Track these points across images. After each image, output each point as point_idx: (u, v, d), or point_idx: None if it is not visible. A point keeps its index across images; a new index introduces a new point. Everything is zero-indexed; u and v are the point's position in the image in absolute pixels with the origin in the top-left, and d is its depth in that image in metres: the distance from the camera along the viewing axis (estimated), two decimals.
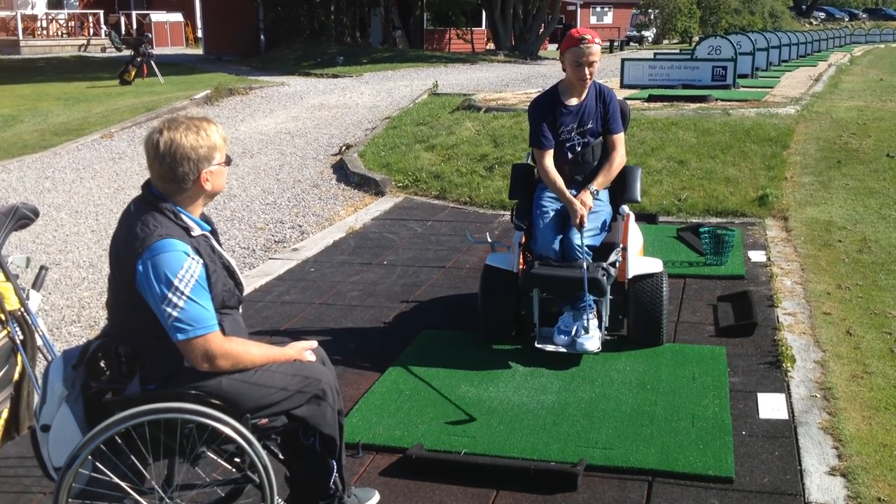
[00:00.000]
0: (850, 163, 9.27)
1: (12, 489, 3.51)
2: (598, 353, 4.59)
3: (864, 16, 73.58)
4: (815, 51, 28.82)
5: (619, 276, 4.73)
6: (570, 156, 4.78)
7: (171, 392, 2.66)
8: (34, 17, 37.64)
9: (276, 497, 2.72)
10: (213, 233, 2.87)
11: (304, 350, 2.94)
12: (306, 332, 5.18)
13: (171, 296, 2.58)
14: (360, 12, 34.77)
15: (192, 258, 2.64)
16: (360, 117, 15.11)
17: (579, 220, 4.52)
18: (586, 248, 4.58)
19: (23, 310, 3.73)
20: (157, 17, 40.55)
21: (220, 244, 2.87)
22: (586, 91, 4.78)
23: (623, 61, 15.74)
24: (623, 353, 4.71)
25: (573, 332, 4.60)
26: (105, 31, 39.31)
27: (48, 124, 15.49)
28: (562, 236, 4.67)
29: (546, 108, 4.79)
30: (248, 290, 6.05)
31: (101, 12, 39.83)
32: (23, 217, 3.92)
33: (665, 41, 48.19)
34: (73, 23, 39.15)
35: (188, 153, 2.68)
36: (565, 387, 4.29)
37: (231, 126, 14.53)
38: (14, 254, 4.44)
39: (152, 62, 22.76)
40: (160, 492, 2.69)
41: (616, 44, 41.20)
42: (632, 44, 45.45)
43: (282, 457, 2.98)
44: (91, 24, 39.52)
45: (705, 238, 6.36)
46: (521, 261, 4.87)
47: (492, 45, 35.66)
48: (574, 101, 4.78)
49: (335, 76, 22.91)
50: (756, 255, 6.58)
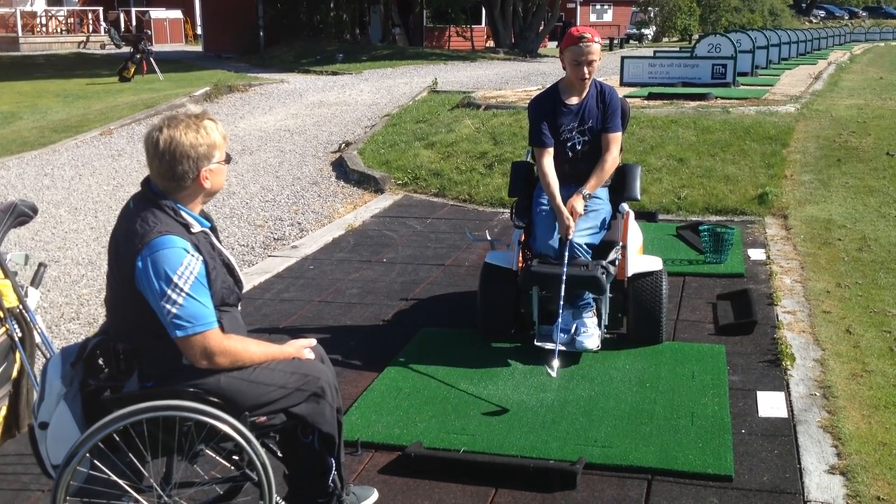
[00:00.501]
0: (849, 161, 9.26)
1: (10, 486, 3.51)
2: (598, 351, 4.59)
3: (864, 14, 73.51)
4: (814, 49, 28.79)
5: (618, 275, 4.72)
6: (570, 154, 4.77)
7: (169, 390, 2.65)
8: (33, 14, 37.61)
9: (275, 495, 2.72)
10: (213, 229, 2.86)
11: (303, 348, 2.94)
12: (305, 330, 5.18)
13: (170, 292, 2.57)
14: (360, 9, 34.76)
15: (192, 255, 2.63)
16: (359, 115, 15.10)
17: (566, 231, 4.51)
18: (585, 247, 4.58)
19: (21, 307, 3.73)
20: (157, 13, 40.54)
21: (219, 241, 2.86)
22: (587, 90, 4.76)
23: (623, 59, 15.72)
24: (622, 351, 4.71)
25: (573, 331, 4.60)
26: (104, 28, 39.30)
27: (47, 121, 15.49)
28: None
29: (546, 107, 4.78)
30: (246, 287, 6.04)
31: (101, 9, 39.81)
32: (21, 214, 3.92)
33: (665, 39, 48.19)
34: (72, 19, 39.12)
35: (188, 151, 2.67)
36: (564, 385, 4.29)
37: (230, 123, 14.51)
38: (13, 251, 4.43)
39: (151, 59, 22.77)
40: (158, 490, 2.69)
41: (616, 41, 41.19)
42: (631, 41, 45.42)
43: (280, 455, 2.97)
44: (90, 21, 39.50)
45: (705, 236, 6.35)
46: (521, 259, 4.87)
47: (491, 43, 35.67)
48: (574, 101, 4.76)
49: (335, 74, 22.90)
50: (756, 254, 6.58)
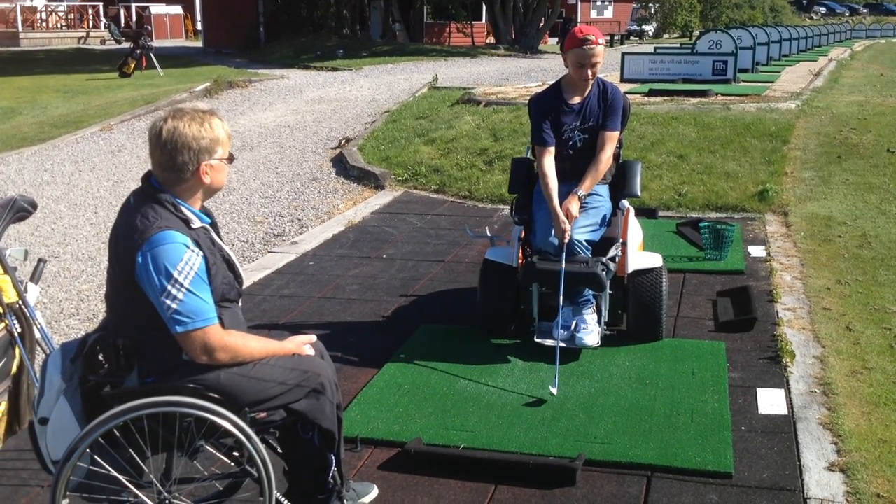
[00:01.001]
0: (850, 158, 9.25)
1: (10, 482, 3.51)
2: (598, 347, 4.58)
3: (865, 11, 73.43)
4: (815, 46, 28.76)
5: (618, 271, 4.72)
6: (570, 152, 4.76)
7: (169, 385, 2.65)
8: (33, 9, 37.55)
9: (275, 491, 2.72)
10: (213, 225, 2.86)
11: (303, 344, 2.93)
12: (305, 326, 5.18)
13: (170, 288, 2.57)
14: (360, 5, 34.71)
15: (192, 250, 2.63)
16: (359, 111, 15.08)
17: (562, 235, 4.50)
18: (585, 244, 4.58)
19: (21, 302, 3.72)
20: (157, 9, 40.48)
21: (220, 236, 2.86)
22: (589, 88, 4.76)
23: (623, 55, 15.72)
24: (622, 347, 4.71)
25: (572, 327, 4.60)
26: (104, 24, 39.24)
27: (47, 116, 15.46)
28: None
29: (548, 106, 4.77)
30: (246, 283, 6.04)
31: (101, 4, 39.76)
32: (20, 209, 3.91)
33: (665, 35, 48.15)
34: (72, 15, 39.07)
35: (189, 142, 2.67)
36: (564, 381, 4.29)
37: (230, 119, 14.50)
38: (12, 246, 4.43)
39: (152, 55, 22.71)
40: (158, 485, 2.69)
41: (616, 38, 41.13)
42: (632, 38, 45.38)
43: (280, 451, 2.97)
44: (90, 17, 39.45)
45: (705, 233, 6.35)
46: (521, 255, 4.86)
47: (492, 39, 35.62)
48: (577, 100, 4.75)
49: (335, 69, 22.86)
50: (756, 251, 6.57)
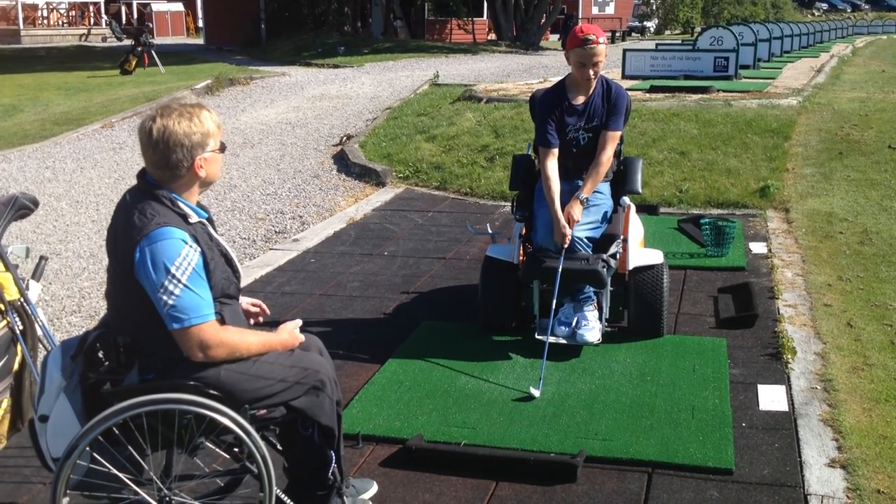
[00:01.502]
0: (851, 154, 9.24)
1: (11, 479, 3.51)
2: (599, 344, 4.58)
3: (867, 7, 73.34)
4: (817, 42, 28.74)
5: (619, 268, 4.72)
6: (574, 150, 4.76)
7: (169, 383, 2.65)
8: (35, 7, 37.58)
9: (275, 487, 2.72)
10: (210, 220, 2.86)
11: (294, 330, 2.92)
12: (306, 323, 5.14)
13: (167, 283, 2.57)
14: (361, 2, 34.69)
15: (190, 246, 2.63)
16: (360, 108, 15.08)
17: (562, 241, 4.50)
18: (586, 241, 4.58)
19: (22, 300, 3.72)
20: (158, 6, 40.50)
21: (216, 232, 2.86)
22: (593, 88, 4.75)
23: (625, 52, 15.68)
24: (623, 344, 4.71)
25: (574, 324, 4.60)
26: (106, 21, 39.26)
27: (49, 114, 15.47)
28: None
29: (553, 106, 4.74)
30: (248, 280, 6.05)
31: (102, 2, 39.79)
32: (22, 207, 3.91)
33: (667, 32, 48.08)
34: (73, 12, 39.09)
35: (181, 140, 2.66)
36: (565, 378, 4.29)
37: (232, 116, 14.50)
38: (14, 244, 4.42)
39: (153, 52, 22.73)
40: (158, 483, 2.69)
41: (618, 34, 41.08)
42: (634, 34, 45.33)
43: (280, 447, 2.97)
44: (92, 14, 39.47)
45: (706, 229, 6.35)
46: (522, 252, 4.86)
47: (493, 36, 35.57)
48: (581, 99, 4.73)
49: (336, 66, 22.85)
50: (757, 247, 6.57)
